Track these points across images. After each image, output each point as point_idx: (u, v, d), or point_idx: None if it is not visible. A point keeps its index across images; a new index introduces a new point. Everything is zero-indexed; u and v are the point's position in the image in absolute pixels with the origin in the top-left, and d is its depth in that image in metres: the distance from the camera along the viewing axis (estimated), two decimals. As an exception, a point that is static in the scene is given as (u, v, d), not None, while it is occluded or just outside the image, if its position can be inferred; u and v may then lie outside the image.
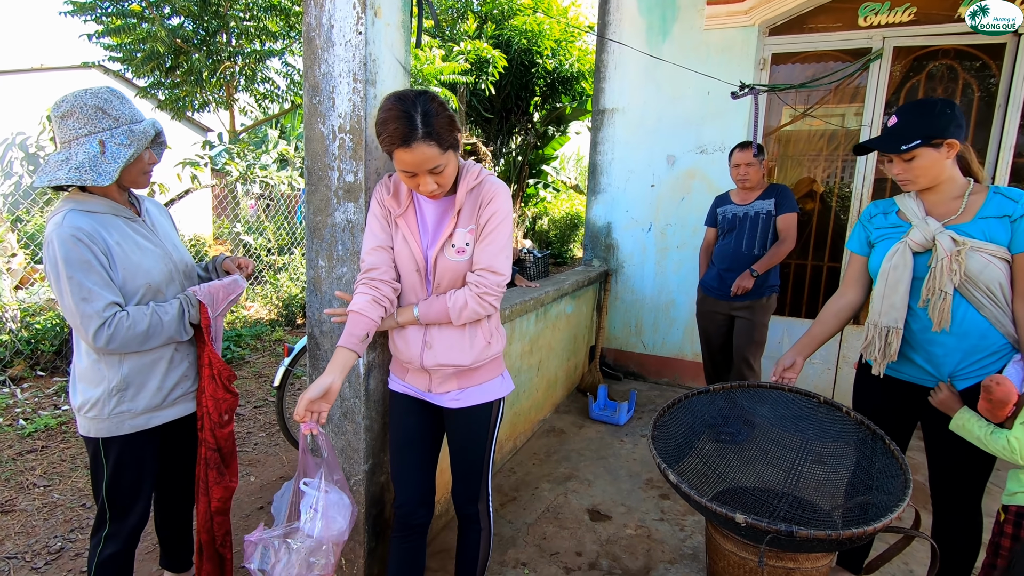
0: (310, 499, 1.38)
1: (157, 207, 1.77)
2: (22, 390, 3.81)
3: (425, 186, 1.35)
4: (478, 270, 1.45)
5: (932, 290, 1.56)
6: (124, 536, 1.64)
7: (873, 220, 1.78)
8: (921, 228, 1.60)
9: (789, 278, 3.96)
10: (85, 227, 1.42)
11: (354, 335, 1.41)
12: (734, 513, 1.39)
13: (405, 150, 1.27)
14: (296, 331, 5.86)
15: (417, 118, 1.26)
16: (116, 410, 1.54)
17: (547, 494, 2.68)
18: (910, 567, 2.19)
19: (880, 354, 1.68)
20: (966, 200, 1.59)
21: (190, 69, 6.23)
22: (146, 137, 1.48)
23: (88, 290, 1.40)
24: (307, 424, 1.36)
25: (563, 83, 9.72)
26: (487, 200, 1.44)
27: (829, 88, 3.68)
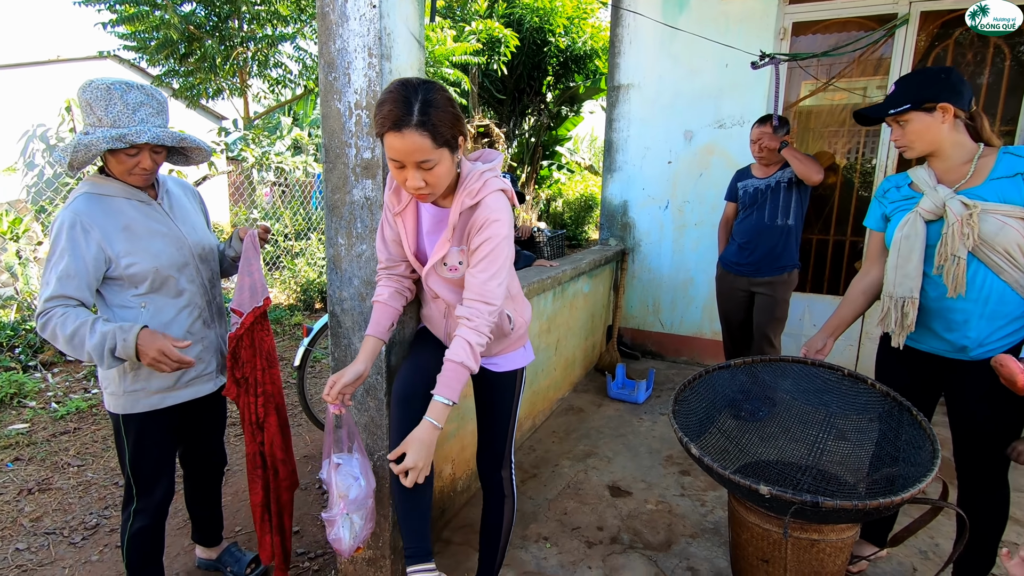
0: (347, 469, 1.51)
1: (183, 188, 1.78)
2: (53, 375, 3.92)
3: (412, 181, 1.24)
4: (470, 301, 1.34)
5: (944, 255, 1.55)
6: (152, 510, 1.68)
7: (888, 195, 1.77)
8: (931, 196, 1.59)
9: (811, 254, 3.89)
10: (86, 212, 1.46)
11: (380, 324, 1.49)
12: (758, 485, 1.38)
13: (395, 135, 1.19)
14: (314, 315, 5.93)
15: (415, 104, 1.19)
16: (131, 388, 1.58)
17: (567, 471, 2.70)
18: (936, 540, 2.17)
19: (897, 325, 1.66)
20: (975, 164, 1.57)
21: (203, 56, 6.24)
22: (89, 148, 1.40)
23: (49, 276, 1.44)
24: (336, 405, 1.45)
25: (576, 61, 9.57)
26: (480, 224, 1.34)
27: (852, 58, 3.57)
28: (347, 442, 1.54)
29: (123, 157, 1.49)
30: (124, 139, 1.43)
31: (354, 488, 1.50)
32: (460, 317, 1.35)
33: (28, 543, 2.22)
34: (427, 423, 1.29)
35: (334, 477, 1.50)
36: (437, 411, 1.30)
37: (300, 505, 2.53)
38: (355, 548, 1.51)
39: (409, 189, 1.28)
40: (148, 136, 1.45)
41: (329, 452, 1.53)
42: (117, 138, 1.42)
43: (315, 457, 2.98)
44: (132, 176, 1.53)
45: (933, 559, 2.08)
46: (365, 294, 1.68)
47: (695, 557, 2.08)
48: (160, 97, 1.55)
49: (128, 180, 1.55)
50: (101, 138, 1.41)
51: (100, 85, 1.45)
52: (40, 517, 2.39)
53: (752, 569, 1.70)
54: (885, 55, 3.55)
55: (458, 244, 1.39)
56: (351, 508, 1.49)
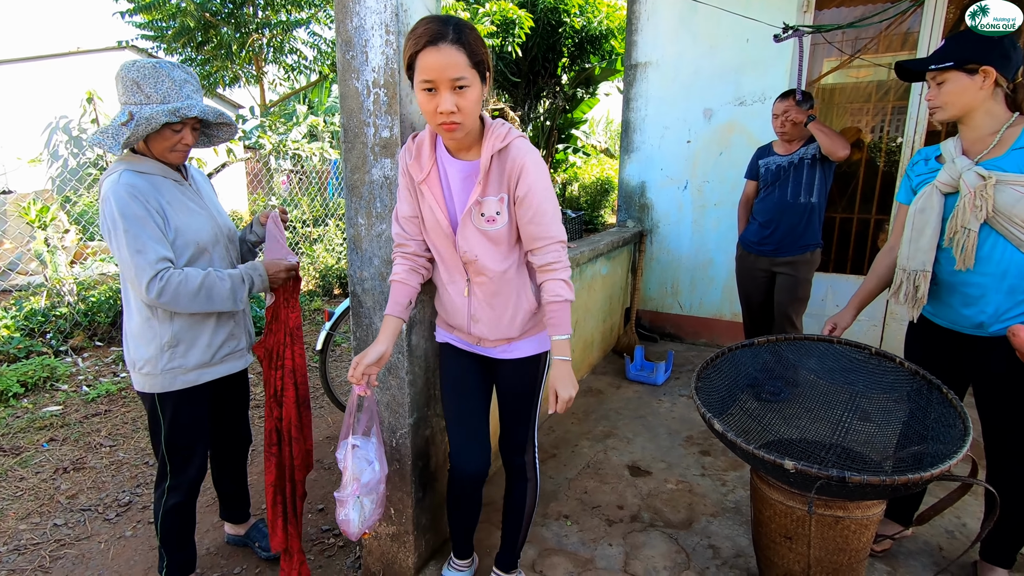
0: (363, 452, 1.52)
1: (201, 176, 1.82)
2: (83, 359, 4.03)
3: (445, 104, 1.22)
4: (544, 247, 1.40)
5: (955, 227, 1.53)
6: (185, 487, 1.73)
7: (915, 167, 1.74)
8: (948, 168, 1.57)
9: (834, 232, 3.81)
10: (139, 184, 1.49)
11: (399, 303, 1.50)
12: (783, 459, 1.37)
13: (432, 49, 1.19)
14: (334, 301, 5.99)
15: (450, 25, 1.22)
16: (169, 366, 1.61)
17: (587, 451, 2.71)
18: (962, 520, 2.14)
19: (909, 299, 1.65)
20: (1001, 134, 1.53)
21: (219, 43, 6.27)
22: (150, 122, 1.46)
23: (143, 242, 1.46)
24: (361, 387, 1.47)
25: (591, 42, 9.41)
26: (519, 170, 1.35)
27: (878, 31, 3.46)
28: (366, 425, 1.56)
29: (168, 133, 1.53)
30: (178, 112, 1.49)
31: (367, 472, 1.50)
32: (545, 264, 1.41)
33: (65, 519, 2.30)
34: (558, 361, 1.42)
35: (350, 459, 1.51)
36: (562, 347, 1.42)
37: (325, 484, 2.58)
38: (363, 532, 1.51)
39: (441, 116, 1.25)
40: (198, 110, 1.51)
41: (347, 433, 1.53)
42: (172, 112, 1.48)
43: (336, 438, 3.02)
44: (174, 153, 1.58)
45: (960, 538, 2.06)
46: (385, 273, 1.68)
47: (716, 535, 2.08)
48: (196, 76, 1.63)
49: (168, 157, 1.59)
50: (160, 111, 1.47)
51: (147, 64, 1.50)
52: (76, 494, 2.47)
53: (775, 546, 1.69)
54: (912, 29, 3.43)
55: (496, 193, 1.37)
56: (363, 491, 1.49)
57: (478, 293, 1.49)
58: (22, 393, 3.41)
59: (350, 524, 1.49)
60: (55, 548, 2.13)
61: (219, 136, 1.73)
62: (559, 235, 1.41)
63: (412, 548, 1.84)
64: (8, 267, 5.59)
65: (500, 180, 1.37)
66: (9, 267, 5.61)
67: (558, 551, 2.00)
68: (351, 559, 2.05)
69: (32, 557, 2.08)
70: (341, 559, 2.06)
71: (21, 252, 5.69)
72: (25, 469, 2.65)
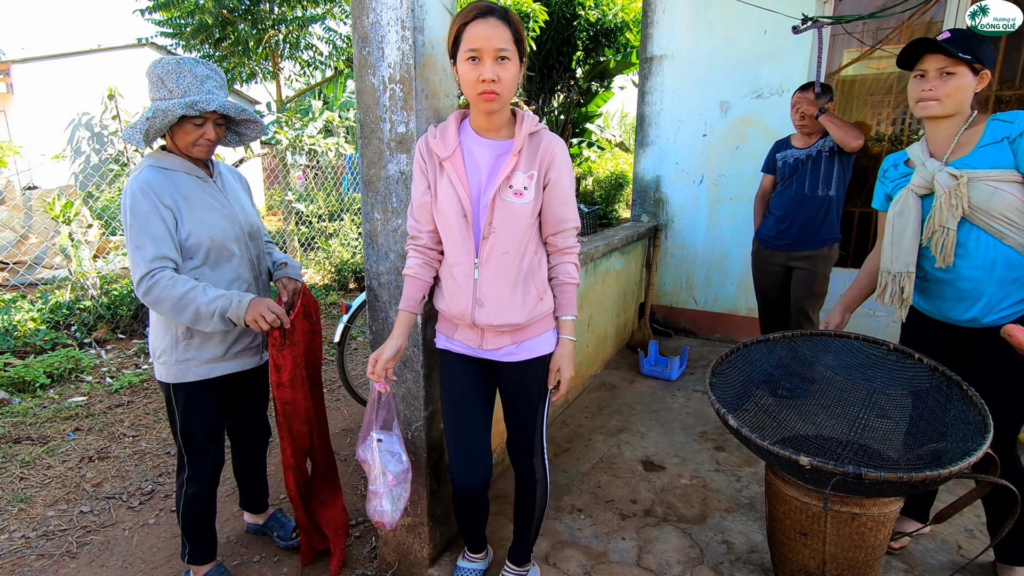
0: (387, 445, 1.57)
1: (233, 173, 1.85)
2: (106, 351, 4.12)
3: (487, 72, 1.30)
4: (569, 229, 1.50)
5: (933, 227, 1.57)
6: (203, 477, 1.77)
7: (887, 174, 1.79)
8: (920, 171, 1.61)
9: (853, 227, 3.76)
10: (155, 181, 1.53)
11: (412, 298, 1.54)
12: (798, 455, 1.36)
13: (481, 20, 1.30)
14: (349, 295, 6.05)
15: (496, 6, 1.33)
16: (183, 357, 1.65)
17: (600, 445, 2.72)
18: (982, 518, 2.11)
19: (896, 300, 1.69)
20: (960, 135, 1.57)
21: (236, 39, 6.34)
22: (166, 115, 1.50)
23: (143, 239, 1.51)
24: (380, 383, 1.51)
25: (606, 35, 9.34)
26: (552, 154, 1.44)
27: (900, 21, 3.38)
28: (385, 419, 1.60)
29: (190, 128, 1.56)
30: (196, 106, 1.51)
31: (393, 463, 1.56)
32: (566, 247, 1.51)
33: (91, 506, 2.37)
34: (564, 341, 1.54)
35: (376, 453, 1.55)
36: (569, 328, 1.54)
37: (341, 476, 2.61)
38: (395, 522, 1.58)
39: (482, 84, 1.32)
40: (216, 104, 1.54)
41: (369, 429, 1.58)
42: (190, 105, 1.50)
43: (353, 431, 3.07)
44: (197, 148, 1.60)
45: (979, 537, 2.03)
46: (401, 268, 1.70)
47: (730, 531, 2.08)
48: (220, 72, 1.64)
49: (192, 152, 1.62)
50: (176, 104, 1.50)
51: (170, 60, 1.54)
52: (101, 483, 2.54)
53: (790, 543, 1.69)
54: (936, 19, 3.36)
55: (525, 169, 1.42)
56: (392, 483, 1.55)
57: (485, 275, 1.44)
58: (48, 384, 3.50)
59: (385, 515, 1.55)
60: (81, 534, 2.19)
61: (247, 134, 1.75)
62: (577, 221, 1.52)
63: (427, 539, 1.86)
64: (34, 261, 5.73)
65: (532, 159, 1.43)
66: (35, 261, 5.75)
67: (571, 544, 2.01)
68: (367, 549, 2.08)
69: (60, 543, 2.14)
70: (357, 549, 2.09)
71: (46, 247, 5.82)
72: (52, 458, 2.73)
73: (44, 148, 8.46)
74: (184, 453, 1.74)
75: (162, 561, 2.05)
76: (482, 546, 1.84)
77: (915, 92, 1.60)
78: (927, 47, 1.55)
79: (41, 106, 9.12)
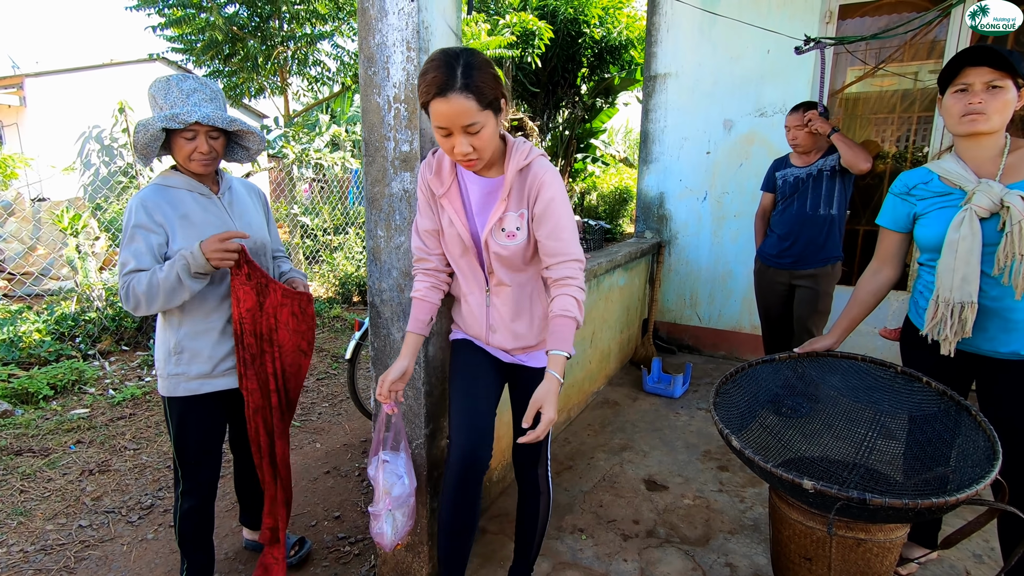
0: (393, 467, 1.57)
1: (248, 189, 1.86)
2: (110, 363, 4.13)
3: (460, 147, 1.26)
4: (560, 262, 1.39)
5: (1010, 255, 1.45)
6: (198, 492, 1.76)
7: (914, 191, 1.66)
8: (985, 191, 1.48)
9: (857, 246, 3.75)
10: (150, 200, 1.57)
11: (420, 320, 1.54)
12: (801, 479, 1.34)
13: (441, 100, 1.21)
14: (352, 308, 6.06)
15: (458, 69, 1.21)
16: (174, 371, 1.65)
17: (602, 463, 2.69)
18: (991, 544, 2.08)
19: (953, 332, 1.56)
20: (1005, 157, 1.50)
21: (246, 56, 6.42)
22: (148, 129, 1.51)
23: (127, 256, 1.54)
24: (389, 404, 1.51)
25: (611, 52, 9.45)
26: (538, 186, 1.38)
27: (903, 41, 3.41)
28: (393, 440, 1.60)
29: (182, 142, 1.58)
30: (177, 118, 1.51)
31: (398, 486, 1.55)
32: (560, 278, 1.39)
33: (90, 520, 2.36)
34: (551, 377, 1.35)
35: (381, 474, 1.55)
36: (558, 365, 1.36)
37: (341, 492, 2.60)
38: (396, 544, 1.57)
39: (457, 156, 1.30)
40: (199, 115, 1.53)
41: (377, 449, 1.59)
42: (171, 117, 1.51)
43: (354, 445, 3.06)
44: (193, 162, 1.61)
45: (988, 563, 1.99)
46: (404, 285, 1.71)
47: (734, 553, 2.05)
48: (214, 86, 1.64)
49: (190, 167, 1.63)
50: (157, 118, 1.51)
51: (162, 79, 1.58)
52: (100, 496, 2.53)
53: (794, 567, 1.66)
54: (939, 38, 3.38)
55: (516, 209, 1.41)
56: (395, 505, 1.54)
57: (497, 303, 1.52)
58: (51, 396, 3.51)
59: (384, 536, 1.54)
60: (80, 549, 2.18)
61: (249, 147, 1.75)
62: (577, 254, 1.40)
63: (426, 558, 1.84)
64: (41, 272, 5.77)
65: (520, 196, 1.40)
66: (42, 272, 5.79)
67: (572, 565, 1.98)
68: (366, 568, 2.06)
69: (58, 557, 2.13)
70: (356, 567, 2.07)
71: (53, 258, 5.87)
72: (53, 470, 2.73)
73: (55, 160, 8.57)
74: (179, 467, 1.74)
75: (159, 578, 2.03)
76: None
77: (957, 108, 1.50)
78: (971, 59, 1.47)
79: (53, 119, 9.27)
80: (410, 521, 1.59)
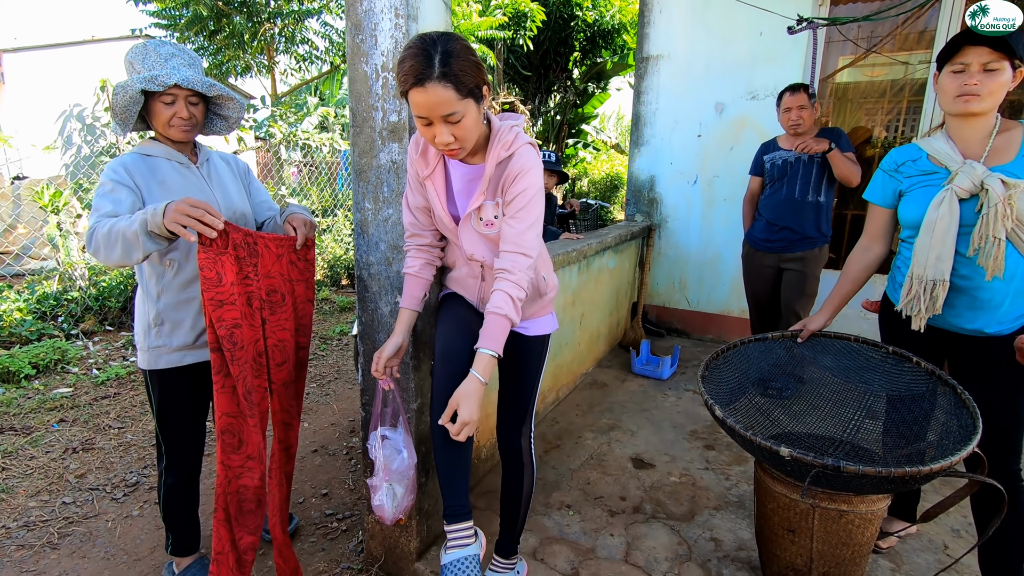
0: (393, 442, 1.58)
1: (228, 161, 1.82)
2: (93, 343, 4.07)
3: (441, 136, 1.23)
4: (508, 253, 1.34)
5: (984, 237, 1.48)
6: (181, 467, 1.75)
7: (902, 168, 1.67)
8: (968, 173, 1.50)
9: (845, 230, 3.78)
10: (130, 163, 1.54)
11: (414, 296, 1.54)
12: (779, 447, 1.36)
13: (419, 90, 1.17)
14: (341, 291, 6.02)
15: (436, 57, 1.16)
16: (155, 343, 1.62)
17: (590, 443, 2.71)
18: (968, 519, 2.12)
19: (924, 308, 1.60)
20: (993, 138, 1.51)
21: (232, 32, 6.29)
22: (126, 91, 1.47)
23: (102, 202, 1.49)
24: (385, 380, 1.52)
25: (603, 36, 9.37)
26: (515, 175, 1.34)
27: (894, 25, 3.41)
28: (392, 416, 1.61)
29: (160, 107, 1.54)
30: (156, 80, 1.48)
31: (397, 460, 1.56)
32: (500, 269, 1.34)
33: (74, 497, 2.33)
34: (473, 377, 1.30)
35: (380, 449, 1.56)
36: (483, 364, 1.30)
37: (329, 470, 2.60)
38: (397, 517, 1.57)
39: (439, 146, 1.27)
40: (178, 78, 1.50)
41: (376, 424, 1.59)
42: (149, 79, 1.47)
43: (342, 425, 3.05)
44: (172, 128, 1.57)
45: (965, 537, 2.04)
46: (392, 258, 1.69)
47: (718, 528, 2.08)
48: (192, 53, 1.61)
49: (170, 135, 1.59)
50: (136, 79, 1.48)
51: (139, 44, 1.55)
52: (84, 474, 2.51)
53: (777, 539, 1.69)
54: (929, 26, 3.38)
55: (493, 198, 1.39)
56: (394, 478, 1.55)
57: (489, 280, 1.51)
58: (33, 375, 3.46)
59: (384, 509, 1.55)
60: (63, 525, 2.16)
61: (228, 114, 1.71)
62: (526, 249, 1.34)
63: (414, 533, 1.85)
64: (22, 251, 5.66)
65: (498, 185, 1.39)
66: (23, 251, 5.68)
67: (560, 540, 2.00)
68: (353, 543, 2.06)
69: (41, 533, 2.11)
70: (344, 543, 2.08)
71: (35, 237, 5.76)
72: (35, 448, 2.69)
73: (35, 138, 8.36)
74: (161, 442, 1.72)
75: (145, 553, 2.02)
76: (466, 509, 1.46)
77: (953, 87, 1.50)
78: (971, 39, 1.46)
79: (33, 96, 9.02)
80: (411, 495, 1.59)
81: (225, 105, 1.68)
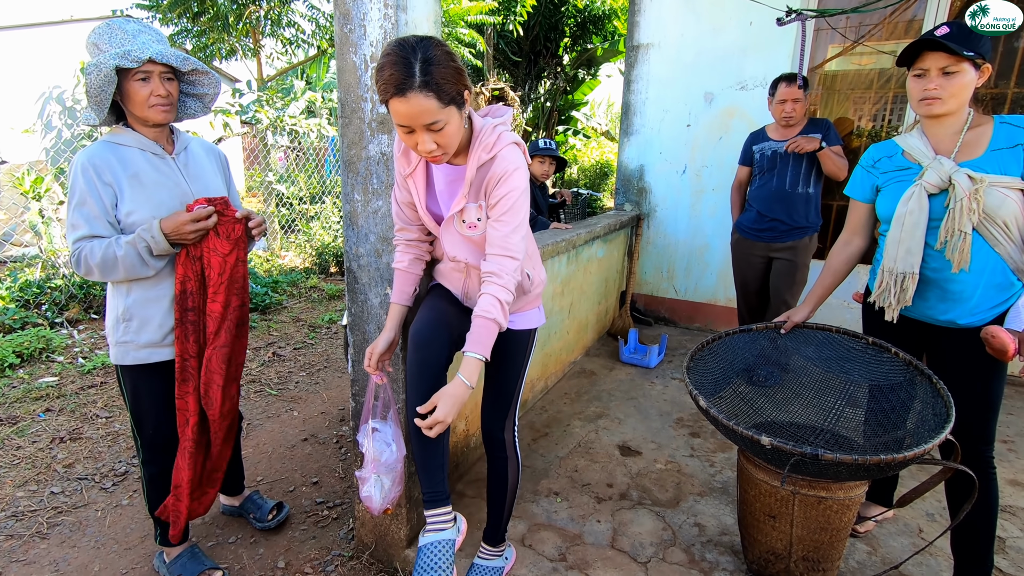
0: (382, 435, 1.60)
1: (206, 150, 1.79)
2: (79, 331, 4.03)
3: (423, 145, 1.22)
4: (494, 256, 1.34)
5: (951, 231, 1.52)
6: (157, 459, 1.75)
7: (879, 164, 1.71)
8: (936, 169, 1.54)
9: (831, 220, 3.82)
10: (99, 158, 1.50)
11: (404, 292, 1.55)
12: (759, 435, 1.40)
13: (400, 100, 1.15)
14: (329, 278, 6.00)
15: (416, 65, 1.14)
16: (122, 339, 1.61)
17: (578, 430, 2.75)
18: (943, 503, 2.19)
19: (895, 299, 1.65)
20: (964, 134, 1.55)
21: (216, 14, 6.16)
22: (100, 69, 1.42)
23: (76, 218, 1.50)
24: (378, 375, 1.54)
25: (594, 22, 9.31)
26: (499, 177, 1.33)
27: (882, 16, 3.42)
28: (383, 410, 1.63)
29: (136, 87, 1.50)
30: (130, 55, 1.44)
31: (386, 453, 1.58)
32: (486, 272, 1.34)
33: (62, 487, 2.33)
34: (459, 381, 1.30)
35: (370, 441, 1.58)
36: (470, 368, 1.30)
37: (319, 459, 2.62)
38: (384, 508, 1.60)
39: (422, 153, 1.26)
40: (152, 52, 1.47)
41: (367, 417, 1.61)
42: (122, 55, 1.44)
43: (331, 413, 3.06)
44: (152, 109, 1.53)
45: (940, 521, 2.11)
46: (381, 250, 1.69)
47: (702, 514, 2.13)
48: (157, 30, 1.58)
49: (150, 116, 1.55)
50: (109, 56, 1.44)
51: (101, 24, 1.50)
52: (72, 464, 2.50)
53: (759, 525, 1.74)
54: (916, 16, 3.40)
55: (475, 200, 1.38)
56: (382, 471, 1.57)
57: (474, 276, 1.51)
58: (18, 364, 3.42)
59: (372, 500, 1.57)
60: (52, 515, 2.16)
61: (204, 92, 1.67)
62: (513, 251, 1.34)
63: (404, 520, 1.87)
64: (2, 238, 5.56)
65: (481, 187, 1.37)
66: (3, 238, 5.58)
67: (547, 526, 2.04)
68: (344, 531, 2.09)
69: (29, 523, 2.11)
70: (335, 530, 2.10)
71: (15, 223, 5.65)
72: (22, 438, 2.68)
73: (13, 121, 8.17)
74: (136, 435, 1.72)
75: (135, 542, 2.03)
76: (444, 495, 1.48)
77: (916, 91, 1.54)
78: (928, 45, 1.50)
79: (9, 77, 8.79)
80: (399, 487, 1.61)
81: (199, 82, 1.64)
